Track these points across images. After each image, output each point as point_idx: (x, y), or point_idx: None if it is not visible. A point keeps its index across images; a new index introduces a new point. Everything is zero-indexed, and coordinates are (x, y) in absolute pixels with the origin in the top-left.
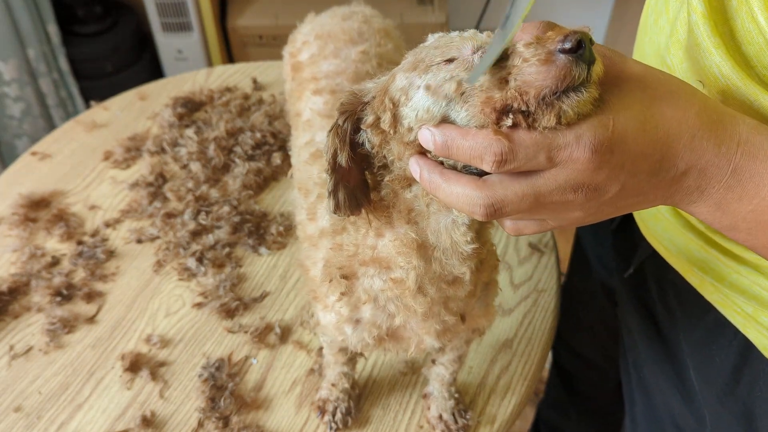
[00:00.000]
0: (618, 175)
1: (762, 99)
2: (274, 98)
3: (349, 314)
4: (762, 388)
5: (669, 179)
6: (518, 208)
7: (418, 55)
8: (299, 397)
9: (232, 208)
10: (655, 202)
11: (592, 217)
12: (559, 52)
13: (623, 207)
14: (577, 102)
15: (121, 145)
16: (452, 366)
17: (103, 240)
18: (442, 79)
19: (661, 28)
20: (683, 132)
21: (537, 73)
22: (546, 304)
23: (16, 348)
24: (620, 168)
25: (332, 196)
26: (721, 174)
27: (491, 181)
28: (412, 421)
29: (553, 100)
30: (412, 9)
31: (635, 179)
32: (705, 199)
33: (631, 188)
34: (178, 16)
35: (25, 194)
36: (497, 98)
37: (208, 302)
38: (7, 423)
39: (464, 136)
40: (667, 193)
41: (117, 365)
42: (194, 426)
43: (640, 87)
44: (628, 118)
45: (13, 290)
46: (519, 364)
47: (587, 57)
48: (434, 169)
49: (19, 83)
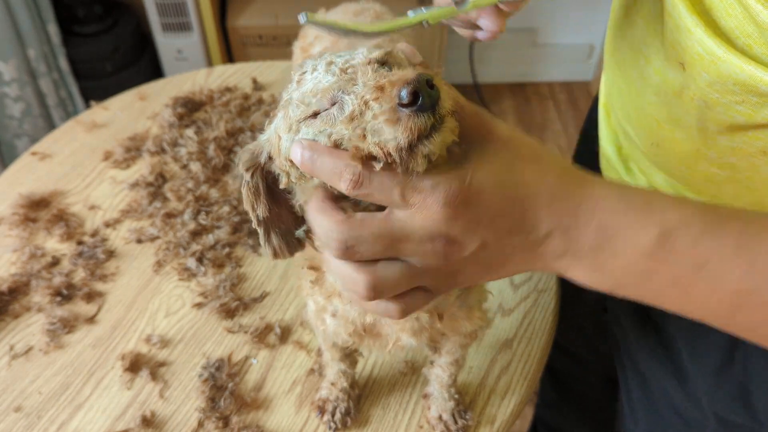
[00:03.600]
0: (474, 229)
1: (748, 69)
2: (274, 98)
3: (323, 304)
4: (755, 364)
5: (533, 241)
6: (373, 249)
7: (286, 112)
8: (299, 397)
9: (232, 208)
10: (527, 266)
11: (467, 278)
12: (399, 107)
13: (496, 268)
14: (431, 147)
15: (121, 145)
16: (449, 368)
17: (103, 240)
18: (313, 134)
19: (633, 21)
20: (542, 193)
21: (388, 133)
22: (546, 304)
23: (16, 348)
24: (476, 223)
25: (267, 245)
26: (586, 234)
27: (353, 218)
28: (412, 421)
29: (412, 149)
30: (412, 9)
31: (495, 237)
32: (578, 261)
33: (494, 246)
34: (178, 16)
35: (25, 194)
36: (364, 149)
37: (208, 302)
38: (7, 423)
39: (330, 154)
40: (536, 255)
41: (117, 365)
42: (194, 426)
43: (505, 147)
44: (487, 174)
45: (13, 290)
46: (519, 364)
47: (428, 103)
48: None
49: (19, 83)
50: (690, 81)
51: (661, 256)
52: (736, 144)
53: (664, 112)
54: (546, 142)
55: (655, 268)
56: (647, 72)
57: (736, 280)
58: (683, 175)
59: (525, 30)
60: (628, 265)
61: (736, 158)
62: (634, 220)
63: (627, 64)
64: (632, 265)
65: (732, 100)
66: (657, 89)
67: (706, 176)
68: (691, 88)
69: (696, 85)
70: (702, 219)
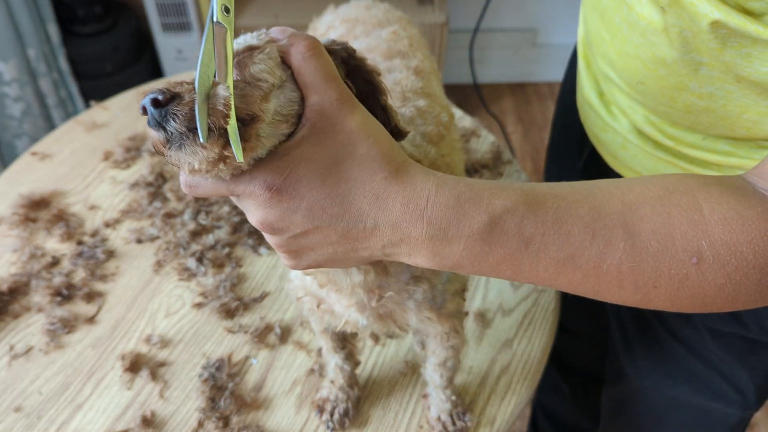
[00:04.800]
0: (290, 217)
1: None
2: None
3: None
4: None
5: (360, 231)
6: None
7: None
8: (299, 397)
9: (232, 208)
10: (367, 252)
11: (312, 259)
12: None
13: (334, 256)
14: (175, 158)
15: (121, 145)
16: (439, 370)
17: (103, 240)
18: None
19: None
20: (367, 192)
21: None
22: (546, 304)
23: (16, 348)
24: (292, 211)
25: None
26: (418, 227)
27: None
28: (412, 422)
29: (167, 156)
30: (412, 9)
31: (315, 225)
32: (416, 250)
33: (320, 234)
34: (178, 16)
35: (25, 194)
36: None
37: (208, 302)
38: (7, 423)
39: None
40: (368, 243)
41: (117, 365)
42: (194, 426)
43: (342, 144)
44: (309, 170)
45: (13, 290)
46: (519, 364)
47: (152, 121)
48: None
49: (19, 83)
50: (671, 20)
51: (493, 239)
52: (714, 73)
53: (649, 52)
54: (546, 142)
55: (488, 250)
56: (632, 17)
57: (556, 249)
58: (665, 109)
59: (525, 30)
60: (464, 249)
61: (714, 87)
62: (465, 211)
63: (610, 14)
64: (468, 249)
65: (706, 38)
66: (643, 31)
67: (686, 107)
68: (674, 25)
69: (676, 22)
70: (524, 202)
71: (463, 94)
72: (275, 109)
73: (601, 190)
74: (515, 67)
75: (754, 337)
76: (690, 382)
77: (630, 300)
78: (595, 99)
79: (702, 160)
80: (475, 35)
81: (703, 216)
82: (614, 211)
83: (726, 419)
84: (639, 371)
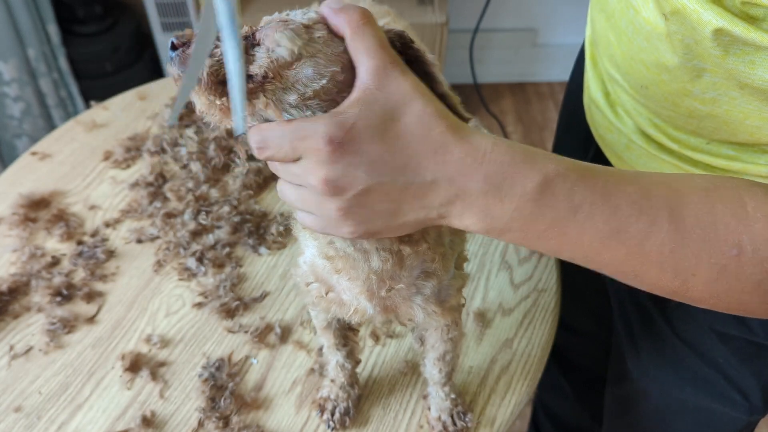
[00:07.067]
0: (353, 173)
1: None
2: None
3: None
4: None
5: (419, 186)
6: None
7: None
8: (299, 397)
9: (232, 208)
10: (421, 213)
11: (360, 223)
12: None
13: (389, 216)
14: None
15: (121, 145)
16: (438, 364)
17: (103, 240)
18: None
19: None
20: (426, 146)
21: None
22: (546, 304)
23: (16, 348)
24: (355, 167)
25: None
26: (474, 181)
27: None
28: (413, 421)
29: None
30: (412, 9)
31: (377, 181)
32: (468, 207)
33: (379, 191)
34: (178, 16)
35: (25, 194)
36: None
37: (208, 302)
38: (7, 423)
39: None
40: (426, 201)
41: (117, 365)
42: (194, 426)
43: (398, 102)
44: (368, 126)
45: (13, 290)
46: (519, 364)
47: (169, 59)
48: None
49: (19, 83)
50: (674, 27)
51: (544, 201)
52: (717, 79)
53: (653, 57)
54: (546, 142)
55: (538, 212)
56: (638, 21)
57: (603, 221)
58: (668, 113)
59: (525, 30)
60: (515, 209)
61: (716, 93)
62: (520, 170)
63: (617, 16)
64: (519, 210)
65: (708, 45)
66: (648, 35)
67: (689, 112)
68: (677, 32)
69: (679, 30)
70: (576, 170)
71: (463, 94)
72: (297, 78)
73: (649, 175)
74: (515, 67)
75: (760, 342)
76: (695, 384)
77: (668, 286)
78: (602, 99)
79: (706, 164)
80: (475, 35)
81: (746, 211)
82: (661, 194)
83: (731, 423)
84: (644, 371)
